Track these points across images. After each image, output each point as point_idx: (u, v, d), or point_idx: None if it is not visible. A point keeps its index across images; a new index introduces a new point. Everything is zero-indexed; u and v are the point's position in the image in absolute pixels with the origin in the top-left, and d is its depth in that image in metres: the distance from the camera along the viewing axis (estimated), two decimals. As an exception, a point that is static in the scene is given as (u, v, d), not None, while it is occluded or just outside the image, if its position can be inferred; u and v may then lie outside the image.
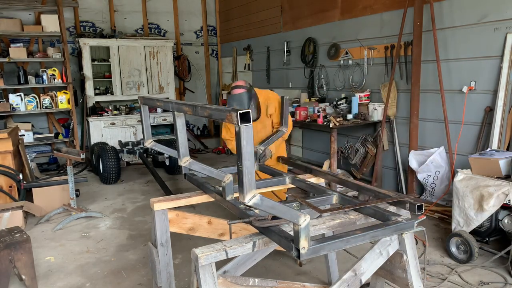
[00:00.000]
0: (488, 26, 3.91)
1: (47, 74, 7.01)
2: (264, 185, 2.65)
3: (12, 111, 6.68)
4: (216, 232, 2.72)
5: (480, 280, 3.10)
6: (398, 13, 4.72)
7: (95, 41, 7.54)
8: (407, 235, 2.01)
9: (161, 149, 2.67)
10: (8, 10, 7.01)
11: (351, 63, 5.53)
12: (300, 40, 6.44)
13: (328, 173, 2.81)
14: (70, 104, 7.14)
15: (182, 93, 9.06)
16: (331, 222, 1.99)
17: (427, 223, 4.17)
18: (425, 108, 4.56)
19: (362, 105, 5.15)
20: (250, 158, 1.42)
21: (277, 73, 7.27)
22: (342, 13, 5.66)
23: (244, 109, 1.37)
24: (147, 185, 6.24)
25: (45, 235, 4.34)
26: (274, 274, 3.28)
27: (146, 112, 2.54)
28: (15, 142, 5.33)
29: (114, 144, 7.07)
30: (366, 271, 2.04)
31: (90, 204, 5.34)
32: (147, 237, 4.12)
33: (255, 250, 1.82)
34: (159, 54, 8.04)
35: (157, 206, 2.44)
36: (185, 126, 2.25)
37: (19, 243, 3.10)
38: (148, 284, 3.24)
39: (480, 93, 4.04)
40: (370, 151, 5.13)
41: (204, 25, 9.17)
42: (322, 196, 2.34)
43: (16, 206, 4.50)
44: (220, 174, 2.27)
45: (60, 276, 3.45)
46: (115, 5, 8.17)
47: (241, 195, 1.47)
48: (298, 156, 6.84)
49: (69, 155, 4.78)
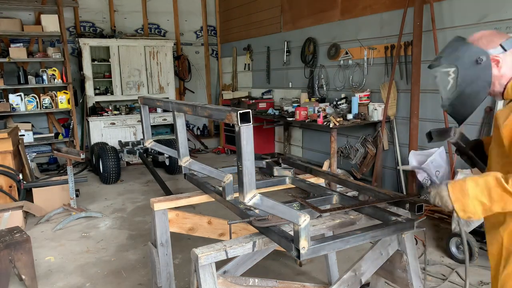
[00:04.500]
0: (488, 26, 3.90)
1: (47, 74, 7.02)
2: (264, 185, 2.64)
3: (12, 111, 6.68)
4: (216, 232, 2.72)
5: (480, 280, 3.10)
6: (398, 13, 4.72)
7: (95, 41, 7.54)
8: (407, 235, 2.01)
9: (161, 149, 2.67)
10: (8, 10, 7.00)
11: (351, 63, 5.53)
12: (300, 40, 6.44)
13: (328, 173, 2.80)
14: (70, 104, 7.15)
15: (182, 93, 9.06)
16: (331, 222, 1.99)
17: (427, 223, 4.17)
18: (425, 108, 4.56)
19: (362, 105, 5.15)
20: (250, 158, 1.42)
21: (277, 73, 7.27)
22: (342, 13, 5.66)
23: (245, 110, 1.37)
24: (147, 185, 6.24)
25: (45, 235, 4.34)
26: (274, 274, 3.28)
27: (146, 112, 2.54)
28: (15, 142, 5.33)
29: (114, 144, 7.07)
30: (366, 271, 2.04)
31: (90, 204, 5.34)
32: (147, 237, 4.12)
33: (255, 250, 1.82)
34: (159, 54, 8.04)
35: (157, 206, 2.44)
36: (185, 126, 2.25)
37: (19, 243, 3.10)
38: (148, 284, 3.24)
39: (480, 93, 4.03)
40: (370, 151, 5.13)
41: (204, 25, 9.17)
42: (322, 196, 2.34)
43: (16, 206, 4.50)
44: (220, 174, 2.27)
45: (60, 276, 3.45)
46: (115, 5, 8.17)
47: (241, 195, 1.47)
48: (298, 156, 6.84)
49: (69, 155, 4.78)
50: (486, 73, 1.55)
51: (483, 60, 1.54)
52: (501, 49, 1.54)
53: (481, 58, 1.54)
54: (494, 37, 1.57)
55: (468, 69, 1.57)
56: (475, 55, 1.55)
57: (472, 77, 1.57)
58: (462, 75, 1.58)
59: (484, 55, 1.54)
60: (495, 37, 1.57)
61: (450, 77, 1.61)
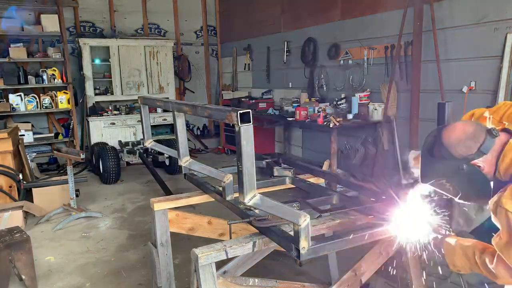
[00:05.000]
0: (488, 26, 3.91)
1: (47, 74, 7.01)
2: (264, 185, 2.64)
3: (12, 111, 6.68)
4: (216, 232, 2.72)
5: (480, 280, 3.10)
6: (398, 13, 4.71)
7: (95, 41, 7.54)
8: (407, 235, 2.00)
9: (161, 149, 2.67)
10: (8, 10, 7.00)
11: (351, 63, 5.53)
12: (300, 40, 6.44)
13: (328, 173, 2.80)
14: (70, 104, 7.14)
15: (182, 93, 9.05)
16: (331, 222, 1.99)
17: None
18: (425, 108, 4.56)
19: (362, 105, 5.15)
20: (250, 158, 1.42)
21: (277, 73, 7.27)
22: (342, 13, 5.66)
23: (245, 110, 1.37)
24: (147, 185, 6.24)
25: (45, 235, 4.34)
26: (274, 274, 3.28)
27: (146, 112, 2.54)
28: (15, 142, 5.33)
29: (114, 144, 7.07)
30: (366, 271, 2.04)
31: (90, 204, 5.34)
32: (147, 237, 4.11)
33: (255, 250, 1.82)
34: (159, 54, 8.04)
35: (157, 206, 2.44)
36: (185, 126, 2.25)
37: (19, 243, 3.09)
38: (148, 284, 3.24)
39: (480, 93, 4.04)
40: (370, 151, 5.13)
41: (204, 25, 9.16)
42: (322, 196, 2.34)
43: (16, 206, 4.50)
44: (220, 174, 2.27)
45: (60, 276, 3.45)
46: (115, 5, 8.17)
47: (241, 195, 1.47)
48: (298, 156, 6.84)
49: (69, 155, 4.78)
50: (477, 172, 1.52)
51: (465, 167, 1.50)
52: (481, 154, 1.48)
53: (462, 167, 1.50)
54: (471, 141, 1.48)
55: (458, 176, 1.53)
56: (455, 166, 1.51)
57: (466, 179, 1.54)
58: (456, 182, 1.55)
59: (464, 164, 1.50)
60: (471, 142, 1.48)
61: (447, 186, 1.58)
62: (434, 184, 1.61)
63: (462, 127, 1.53)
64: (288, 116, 5.87)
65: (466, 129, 1.51)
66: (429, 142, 1.61)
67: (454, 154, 1.50)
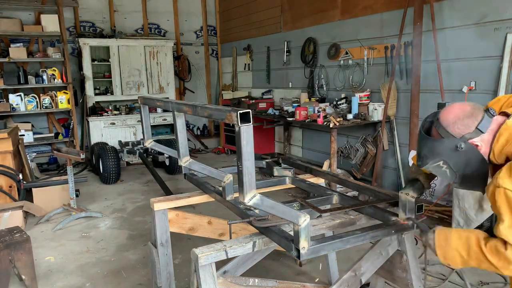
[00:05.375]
0: (488, 26, 3.91)
1: (47, 74, 7.01)
2: (264, 185, 2.64)
3: (12, 111, 6.68)
4: (216, 232, 2.72)
5: (480, 280, 3.10)
6: (398, 13, 4.71)
7: (95, 41, 7.54)
8: (407, 235, 2.01)
9: (161, 149, 2.67)
10: (8, 10, 7.00)
11: (351, 63, 5.53)
12: (300, 40, 6.44)
13: (328, 173, 2.80)
14: (70, 104, 7.14)
15: (182, 93, 9.06)
16: (331, 222, 1.99)
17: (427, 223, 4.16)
18: (425, 108, 4.55)
19: (362, 105, 5.15)
20: (250, 158, 1.42)
21: (277, 73, 7.27)
22: (342, 13, 5.66)
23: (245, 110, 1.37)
24: (147, 185, 6.24)
25: (45, 235, 4.34)
26: (274, 274, 3.28)
27: (146, 112, 2.54)
28: (15, 142, 5.33)
29: (114, 144, 7.07)
30: (366, 271, 2.04)
31: (90, 204, 5.34)
32: (147, 237, 4.12)
33: (255, 250, 1.82)
34: (159, 54, 8.04)
35: (157, 206, 2.44)
36: (185, 126, 2.25)
37: (19, 243, 3.10)
38: (148, 284, 3.24)
39: (480, 93, 4.04)
40: (370, 151, 5.13)
41: (204, 25, 9.17)
42: (322, 196, 2.34)
43: (16, 206, 4.50)
44: (220, 174, 2.27)
45: (60, 276, 3.45)
46: (115, 5, 8.17)
47: (241, 195, 1.47)
48: (298, 156, 6.84)
49: (69, 155, 4.78)
50: (474, 152, 1.51)
51: (463, 146, 1.49)
52: (479, 133, 1.49)
53: (460, 145, 1.49)
54: (468, 119, 1.50)
55: (455, 157, 1.52)
56: (453, 145, 1.51)
57: (463, 160, 1.52)
58: (453, 163, 1.54)
59: (462, 142, 1.49)
60: (469, 120, 1.49)
61: (443, 168, 1.57)
62: (430, 168, 1.60)
63: (460, 105, 1.55)
64: (288, 116, 5.87)
65: (464, 107, 1.54)
66: (427, 125, 1.62)
67: (452, 132, 1.51)
